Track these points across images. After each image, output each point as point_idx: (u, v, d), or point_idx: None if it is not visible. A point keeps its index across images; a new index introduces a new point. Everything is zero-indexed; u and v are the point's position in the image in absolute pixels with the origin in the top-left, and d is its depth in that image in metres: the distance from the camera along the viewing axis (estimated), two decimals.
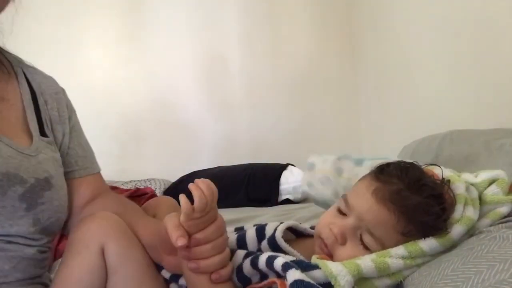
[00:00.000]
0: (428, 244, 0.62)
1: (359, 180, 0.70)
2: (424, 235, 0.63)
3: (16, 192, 0.63)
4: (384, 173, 0.67)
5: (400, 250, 0.62)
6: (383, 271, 0.61)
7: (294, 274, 0.57)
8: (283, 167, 2.01)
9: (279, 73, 2.47)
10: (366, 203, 0.64)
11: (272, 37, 2.48)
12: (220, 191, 2.13)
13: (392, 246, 0.63)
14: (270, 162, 2.14)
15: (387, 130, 2.09)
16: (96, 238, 0.64)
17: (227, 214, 1.48)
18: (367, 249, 0.64)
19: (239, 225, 0.87)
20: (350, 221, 0.65)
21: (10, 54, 0.78)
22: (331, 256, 0.66)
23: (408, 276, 0.62)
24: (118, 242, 0.65)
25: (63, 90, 0.83)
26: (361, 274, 0.59)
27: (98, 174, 0.83)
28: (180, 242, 0.57)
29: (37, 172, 0.67)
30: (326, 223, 0.68)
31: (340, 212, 0.68)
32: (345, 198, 0.68)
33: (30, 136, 0.71)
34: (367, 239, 0.64)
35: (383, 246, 0.63)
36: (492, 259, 0.53)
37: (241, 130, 2.50)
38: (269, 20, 2.48)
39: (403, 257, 0.61)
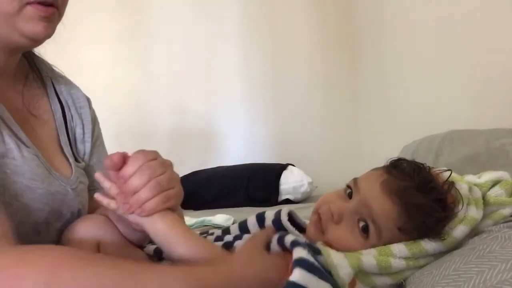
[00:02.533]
0: (430, 244, 0.62)
1: (371, 170, 0.71)
2: (420, 235, 0.63)
3: (56, 228, 0.62)
4: (397, 168, 0.68)
5: (403, 250, 0.62)
6: (384, 270, 0.61)
7: (301, 252, 0.57)
8: (283, 167, 2.01)
9: (279, 74, 2.47)
10: (373, 191, 0.65)
11: (272, 38, 2.47)
12: (220, 191, 2.13)
13: (387, 239, 0.63)
14: (270, 162, 2.14)
15: (387, 130, 2.09)
16: (91, 235, 0.63)
17: (227, 214, 1.48)
18: (364, 235, 0.64)
19: None
20: (351, 203, 0.66)
21: (40, 60, 0.74)
22: (323, 232, 0.67)
23: (409, 276, 0.63)
24: (113, 238, 0.64)
25: (88, 101, 0.79)
26: (361, 268, 0.60)
27: None
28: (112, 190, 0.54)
29: (74, 206, 0.65)
30: (327, 201, 0.69)
31: (345, 194, 0.69)
32: (355, 179, 0.69)
33: (66, 160, 0.69)
34: (369, 225, 0.64)
35: (380, 236, 0.64)
36: (494, 259, 0.53)
37: (241, 130, 2.50)
38: (269, 21, 2.48)
39: (406, 258, 0.62)
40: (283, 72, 2.47)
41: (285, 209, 0.74)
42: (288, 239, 0.60)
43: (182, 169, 2.22)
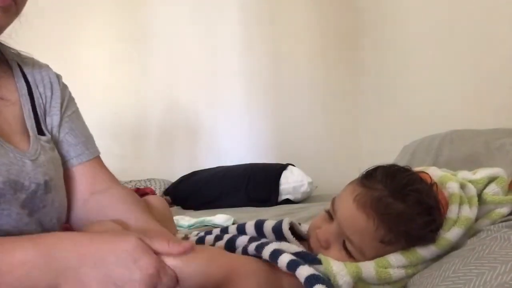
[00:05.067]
0: (427, 250, 0.61)
1: (348, 184, 0.69)
2: (409, 243, 0.61)
3: (18, 199, 0.62)
4: (369, 178, 0.65)
5: (400, 259, 0.61)
6: (384, 280, 0.60)
7: (307, 270, 0.57)
8: (283, 167, 2.01)
9: (279, 74, 2.47)
10: (347, 209, 0.63)
11: (272, 38, 2.47)
12: (220, 191, 2.12)
13: (371, 254, 0.61)
14: (270, 162, 2.14)
15: (387, 130, 2.09)
16: None
17: (227, 214, 1.48)
18: (350, 256, 0.63)
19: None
20: (332, 227, 0.65)
21: (6, 47, 0.75)
22: None
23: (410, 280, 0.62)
24: None
25: (58, 77, 0.80)
26: (360, 277, 0.59)
27: (95, 159, 0.79)
28: None
29: (37, 177, 0.65)
30: (314, 227, 0.69)
31: (329, 215, 0.68)
32: (333, 201, 0.68)
33: (28, 136, 0.70)
34: (348, 245, 0.63)
35: (363, 254, 0.62)
36: (494, 260, 0.52)
37: (241, 130, 2.50)
38: (269, 21, 2.47)
39: (404, 266, 0.61)
40: (283, 72, 2.47)
41: (287, 219, 0.73)
42: (284, 259, 0.59)
43: (182, 169, 2.23)
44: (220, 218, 1.43)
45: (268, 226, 0.72)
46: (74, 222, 0.75)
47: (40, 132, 0.72)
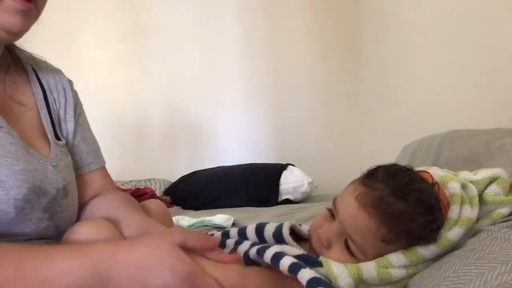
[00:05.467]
0: (427, 249, 0.61)
1: (349, 184, 0.69)
2: (410, 242, 0.61)
3: (41, 204, 0.63)
4: (371, 177, 0.65)
5: (401, 259, 0.61)
6: (384, 280, 0.60)
7: (308, 273, 0.57)
8: (283, 167, 2.01)
9: (279, 74, 2.47)
10: (348, 209, 0.64)
11: (272, 39, 2.47)
12: (220, 191, 2.12)
13: (372, 253, 0.62)
14: (270, 162, 2.14)
15: (387, 130, 2.09)
16: (90, 238, 0.62)
17: (227, 214, 1.48)
18: (352, 255, 0.63)
19: (239, 225, 0.87)
20: (334, 226, 0.65)
21: (21, 50, 0.77)
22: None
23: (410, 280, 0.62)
24: None
25: (70, 83, 0.81)
26: (361, 278, 0.59)
27: (102, 168, 0.82)
28: None
29: (58, 182, 0.67)
30: (316, 227, 0.69)
31: (331, 214, 0.68)
32: (334, 200, 0.68)
33: (47, 140, 0.71)
34: (350, 245, 0.63)
35: (364, 253, 0.62)
36: (494, 260, 0.52)
37: (241, 130, 2.50)
38: (269, 21, 2.48)
39: (405, 266, 0.61)
40: (283, 72, 2.46)
41: (287, 223, 0.73)
42: (285, 262, 0.59)
43: (182, 169, 2.23)
44: (220, 218, 1.43)
45: (268, 231, 0.72)
46: None
47: (56, 137, 0.74)
